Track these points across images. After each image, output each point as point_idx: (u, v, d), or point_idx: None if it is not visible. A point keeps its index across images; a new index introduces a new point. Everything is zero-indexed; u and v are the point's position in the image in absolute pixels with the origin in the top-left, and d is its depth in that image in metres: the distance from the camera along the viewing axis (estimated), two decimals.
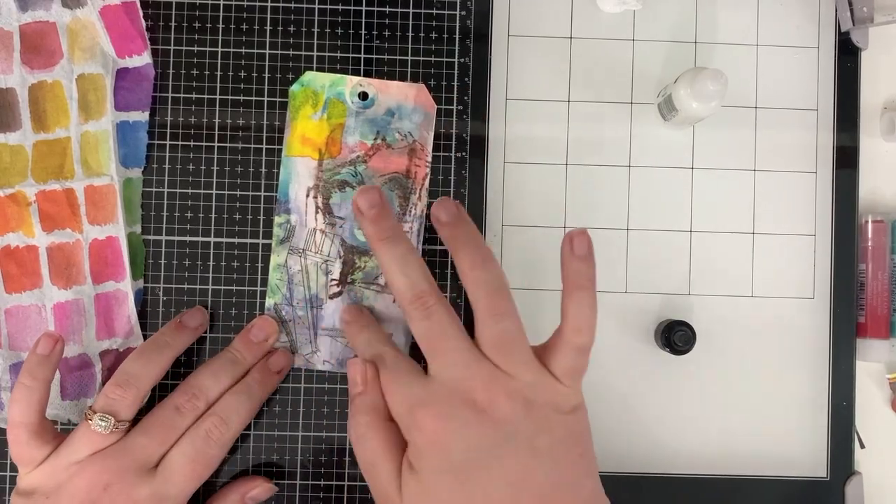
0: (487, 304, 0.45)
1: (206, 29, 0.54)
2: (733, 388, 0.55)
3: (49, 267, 0.51)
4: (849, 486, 0.55)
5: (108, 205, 0.51)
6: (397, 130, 0.54)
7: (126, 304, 0.52)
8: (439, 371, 0.45)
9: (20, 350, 0.51)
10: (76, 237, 0.51)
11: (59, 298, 0.51)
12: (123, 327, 0.52)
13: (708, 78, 0.49)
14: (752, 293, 0.56)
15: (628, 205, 0.55)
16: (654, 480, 0.55)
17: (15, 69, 0.51)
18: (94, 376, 0.52)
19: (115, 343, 0.52)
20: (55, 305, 0.51)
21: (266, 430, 0.53)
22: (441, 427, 0.43)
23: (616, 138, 0.56)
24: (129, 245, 0.52)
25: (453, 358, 0.45)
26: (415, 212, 0.54)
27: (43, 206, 0.51)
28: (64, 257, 0.51)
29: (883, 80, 0.57)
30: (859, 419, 0.55)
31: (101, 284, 0.52)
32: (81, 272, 0.51)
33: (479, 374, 0.44)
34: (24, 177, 0.51)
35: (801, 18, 0.56)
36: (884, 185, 0.57)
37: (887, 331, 0.55)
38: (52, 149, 0.51)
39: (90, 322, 0.52)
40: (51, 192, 0.51)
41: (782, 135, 0.56)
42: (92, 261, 0.52)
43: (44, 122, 0.51)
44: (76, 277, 0.51)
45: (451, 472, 0.43)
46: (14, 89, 0.51)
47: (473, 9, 0.55)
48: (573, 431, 0.45)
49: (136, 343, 0.52)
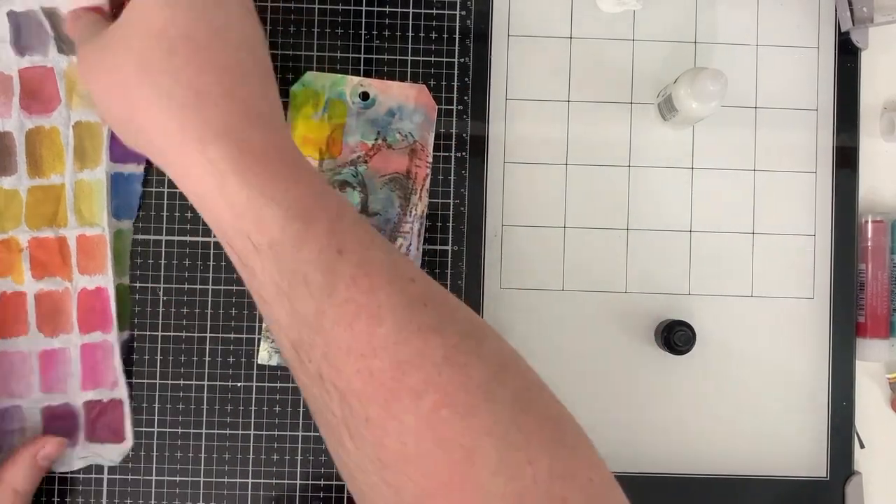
0: None
1: None
2: (733, 388, 0.55)
3: (36, 314, 0.51)
4: (849, 486, 0.55)
5: (98, 255, 0.51)
6: (398, 131, 0.54)
7: (112, 356, 0.51)
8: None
9: (1, 396, 0.51)
10: (65, 285, 0.51)
11: (45, 346, 0.51)
12: (109, 378, 0.52)
13: (708, 78, 0.49)
14: (752, 293, 0.56)
15: (628, 205, 0.55)
16: (655, 480, 0.55)
17: (13, 113, 0.51)
18: (77, 426, 0.51)
19: (100, 394, 0.52)
20: (40, 353, 0.51)
21: (266, 430, 0.53)
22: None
23: (616, 138, 0.56)
24: (116, 296, 0.52)
25: None
26: (415, 212, 0.54)
27: (35, 253, 0.51)
28: (52, 305, 0.51)
29: (883, 80, 0.57)
30: (859, 419, 0.55)
31: (88, 334, 0.51)
32: (69, 321, 0.51)
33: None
34: (18, 222, 0.51)
35: (801, 18, 0.56)
36: (884, 185, 0.57)
37: (887, 330, 0.55)
38: (47, 195, 0.51)
39: (75, 372, 0.51)
40: (44, 238, 0.51)
41: (782, 135, 0.56)
42: (80, 310, 0.51)
43: (39, 168, 0.51)
44: (63, 326, 0.51)
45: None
46: (11, 133, 0.51)
47: (473, 9, 0.55)
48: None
49: (120, 394, 0.52)
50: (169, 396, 0.53)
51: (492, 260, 0.55)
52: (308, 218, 0.36)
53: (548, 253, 0.55)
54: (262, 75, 0.41)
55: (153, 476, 0.53)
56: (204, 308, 0.53)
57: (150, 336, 0.53)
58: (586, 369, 0.55)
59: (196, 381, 0.53)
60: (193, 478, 0.53)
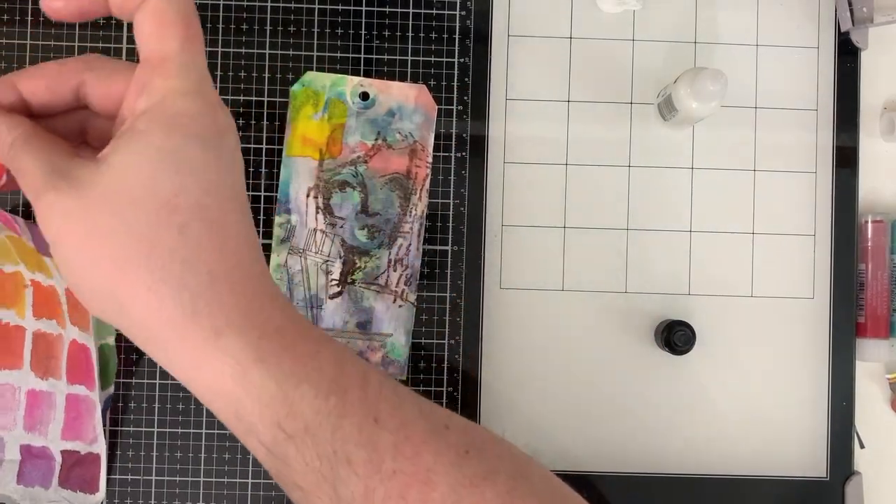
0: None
1: (206, 29, 0.54)
2: (733, 388, 0.55)
3: (32, 352, 0.50)
4: (848, 486, 0.55)
5: (84, 312, 0.51)
6: (398, 131, 0.54)
7: (94, 413, 0.51)
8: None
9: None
10: (59, 331, 0.50)
11: (34, 386, 0.50)
12: (89, 434, 0.51)
13: (708, 78, 0.49)
14: (752, 293, 0.56)
15: (628, 205, 0.55)
16: (655, 480, 0.55)
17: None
18: (52, 469, 0.51)
19: (78, 446, 0.51)
20: (29, 391, 0.50)
21: None
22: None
23: (616, 138, 0.56)
24: (100, 355, 0.51)
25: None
26: (415, 212, 0.54)
27: (36, 292, 0.50)
28: (47, 347, 0.50)
29: (883, 80, 0.57)
30: (859, 419, 0.55)
31: (74, 386, 0.51)
32: (59, 367, 0.50)
33: None
34: (18, 262, 0.50)
35: (801, 18, 0.56)
36: (884, 185, 0.57)
37: (887, 331, 0.55)
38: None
39: (59, 418, 0.51)
40: (38, 282, 0.50)
41: (782, 135, 0.56)
42: (69, 360, 0.51)
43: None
44: (54, 370, 0.50)
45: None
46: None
47: (473, 9, 0.55)
48: None
49: (98, 449, 0.51)
50: (169, 396, 0.53)
51: (492, 260, 0.55)
52: (339, 391, 0.33)
53: (548, 253, 0.55)
54: (253, 232, 0.35)
55: (153, 476, 0.53)
56: None
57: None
58: (586, 369, 0.55)
59: None
60: (193, 478, 0.53)
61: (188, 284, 0.32)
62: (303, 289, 0.53)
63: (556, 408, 0.55)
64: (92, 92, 0.35)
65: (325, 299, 0.53)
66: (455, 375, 0.54)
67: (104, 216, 0.31)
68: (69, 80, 0.35)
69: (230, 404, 0.33)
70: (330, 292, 0.53)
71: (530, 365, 0.55)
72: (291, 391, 0.33)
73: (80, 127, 0.36)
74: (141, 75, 0.33)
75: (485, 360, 0.55)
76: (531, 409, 0.55)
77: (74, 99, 0.35)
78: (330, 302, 0.53)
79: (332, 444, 0.33)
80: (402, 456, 0.33)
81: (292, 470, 0.34)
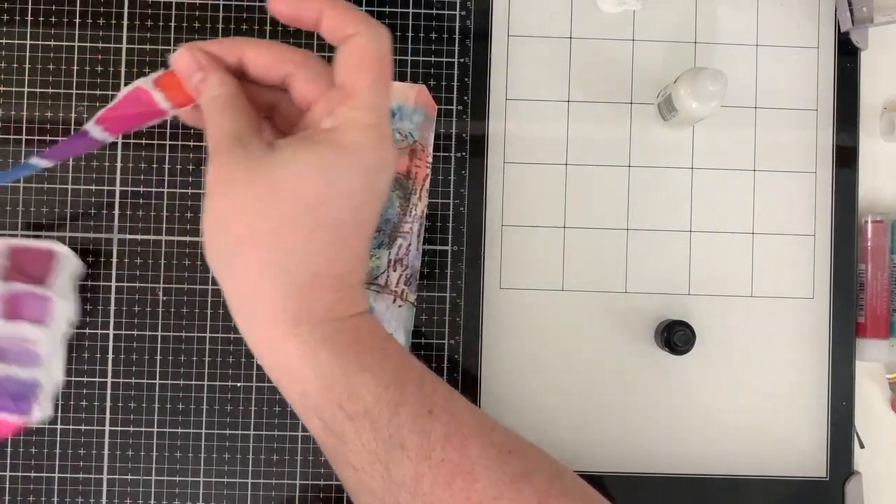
0: None
1: (206, 29, 0.54)
2: (733, 388, 0.55)
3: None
4: (848, 485, 0.55)
5: None
6: (398, 131, 0.54)
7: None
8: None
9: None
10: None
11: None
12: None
13: (708, 78, 0.49)
14: (752, 293, 0.56)
15: (628, 205, 0.55)
16: (654, 480, 0.55)
17: None
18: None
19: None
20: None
21: (266, 430, 0.53)
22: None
23: (616, 138, 0.56)
24: None
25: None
26: (415, 212, 0.54)
27: None
28: None
29: (883, 80, 0.57)
30: (859, 419, 0.55)
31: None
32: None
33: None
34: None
35: (801, 18, 0.56)
36: (884, 185, 0.57)
37: (887, 331, 0.56)
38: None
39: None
40: None
41: (782, 135, 0.56)
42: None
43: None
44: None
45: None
46: None
47: (473, 9, 0.55)
48: None
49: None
50: (169, 396, 0.53)
51: (492, 260, 0.55)
52: (399, 383, 0.37)
53: (548, 253, 0.55)
54: (367, 254, 0.39)
55: (153, 476, 0.53)
56: (204, 308, 0.53)
57: (149, 336, 0.53)
58: (586, 369, 0.55)
59: (196, 381, 0.53)
60: (193, 478, 0.53)
61: (293, 276, 0.36)
62: None
63: (556, 407, 0.55)
64: (296, 85, 0.39)
65: None
66: (455, 375, 0.54)
67: (257, 193, 0.36)
68: (286, 68, 0.39)
69: (297, 383, 0.37)
70: None
71: (530, 365, 0.55)
72: (353, 377, 0.36)
73: (273, 104, 0.40)
74: (333, 97, 0.38)
75: (485, 360, 0.55)
76: (531, 408, 0.55)
77: (281, 83, 0.39)
78: None
79: (389, 428, 0.36)
80: (450, 446, 0.37)
81: (348, 449, 0.37)
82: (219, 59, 0.39)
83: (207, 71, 0.39)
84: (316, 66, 0.39)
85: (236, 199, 0.36)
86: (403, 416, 0.36)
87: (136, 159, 0.54)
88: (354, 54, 0.38)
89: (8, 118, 0.54)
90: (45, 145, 0.54)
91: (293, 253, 0.36)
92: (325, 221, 0.36)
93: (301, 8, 0.38)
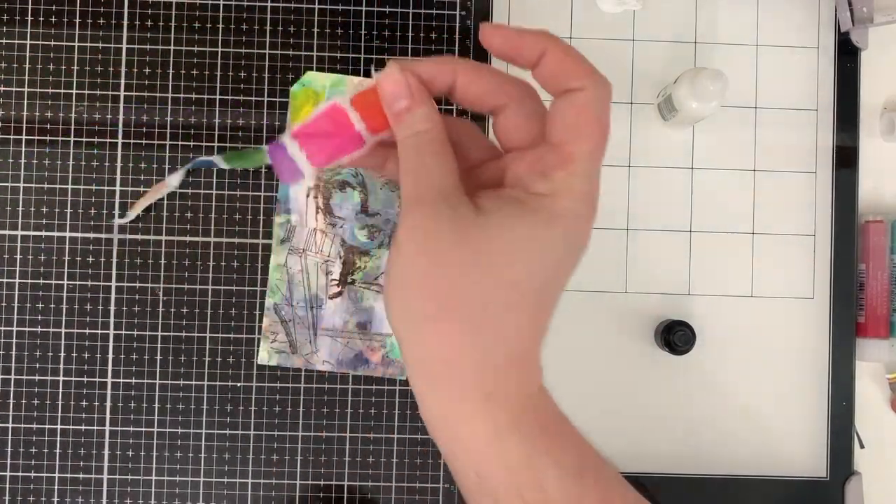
0: None
1: (206, 29, 0.54)
2: (733, 388, 0.55)
3: None
4: (848, 485, 0.55)
5: None
6: None
7: None
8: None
9: None
10: None
11: None
12: None
13: (708, 78, 0.49)
14: (752, 293, 0.56)
15: (628, 205, 0.55)
16: (655, 480, 0.55)
17: None
18: None
19: None
20: None
21: (266, 431, 0.53)
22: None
23: (616, 138, 0.56)
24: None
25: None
26: None
27: None
28: None
29: (883, 80, 0.57)
30: (859, 419, 0.55)
31: None
32: None
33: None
34: None
35: (801, 18, 0.56)
36: (884, 185, 0.57)
37: (887, 331, 0.55)
38: None
39: None
40: None
41: (782, 135, 0.56)
42: None
43: None
44: None
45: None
46: None
47: (473, 9, 0.55)
48: None
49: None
50: (169, 396, 0.53)
51: None
52: (580, 474, 0.35)
53: None
54: (548, 327, 0.36)
55: (153, 476, 0.53)
56: (204, 308, 0.53)
57: (150, 336, 0.53)
58: (586, 369, 0.55)
59: (196, 381, 0.53)
60: (193, 478, 0.53)
61: (490, 354, 0.33)
62: (303, 289, 0.53)
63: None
64: (503, 121, 0.35)
65: (325, 299, 0.53)
66: None
67: (463, 258, 0.32)
68: (499, 100, 0.35)
69: (475, 462, 0.34)
70: (330, 292, 0.53)
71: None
72: (539, 465, 0.33)
73: (457, 138, 0.36)
74: (546, 156, 0.34)
75: None
76: None
77: (485, 112, 0.35)
78: (330, 302, 0.53)
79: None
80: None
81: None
82: (428, 82, 0.35)
83: (415, 100, 0.34)
84: (532, 103, 0.35)
85: (439, 259, 0.32)
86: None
87: (136, 159, 0.54)
88: (576, 113, 0.34)
89: (8, 118, 0.54)
90: (44, 145, 0.54)
91: (493, 329, 0.33)
92: (529, 297, 0.34)
93: (521, 46, 0.34)
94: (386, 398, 0.54)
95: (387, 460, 0.54)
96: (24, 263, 0.53)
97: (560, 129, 0.34)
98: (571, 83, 0.34)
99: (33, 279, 0.53)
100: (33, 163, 0.53)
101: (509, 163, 0.35)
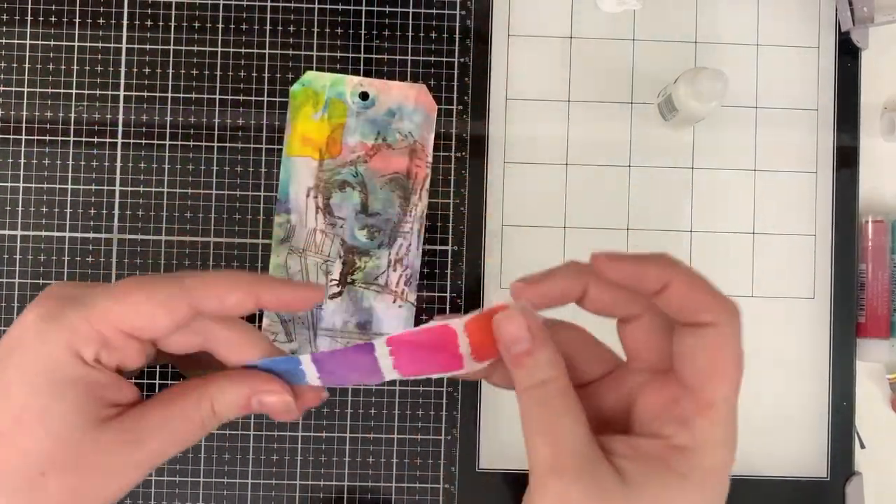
0: None
1: (205, 29, 0.54)
2: None
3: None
4: (849, 486, 0.55)
5: None
6: (398, 131, 0.54)
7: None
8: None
9: None
10: None
11: None
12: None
13: (708, 78, 0.49)
14: (752, 293, 0.56)
15: (628, 205, 0.55)
16: None
17: None
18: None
19: None
20: None
21: (266, 431, 0.53)
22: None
23: (616, 138, 0.56)
24: None
25: None
26: (415, 212, 0.54)
27: None
28: None
29: (883, 80, 0.57)
30: (859, 419, 0.55)
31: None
32: None
33: None
34: None
35: (801, 18, 0.56)
36: (884, 185, 0.57)
37: (887, 331, 0.55)
38: None
39: None
40: None
41: (782, 135, 0.56)
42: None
43: None
44: None
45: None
46: None
47: (473, 9, 0.55)
48: None
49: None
50: None
51: (492, 260, 0.55)
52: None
53: (548, 253, 0.55)
54: None
55: (153, 476, 0.53)
56: None
57: None
58: None
59: None
60: (193, 478, 0.53)
61: None
62: None
63: None
64: (636, 333, 0.33)
65: (325, 299, 0.53)
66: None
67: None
68: (630, 310, 0.33)
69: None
70: (330, 292, 0.53)
71: None
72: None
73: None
74: (683, 402, 0.31)
75: None
76: None
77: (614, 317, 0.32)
78: (330, 302, 0.53)
79: None
80: None
81: None
82: (553, 298, 0.32)
83: (536, 344, 0.31)
84: (660, 317, 0.32)
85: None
86: None
87: (136, 159, 0.54)
88: (712, 354, 0.32)
89: (8, 118, 0.54)
90: (44, 145, 0.54)
91: None
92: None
93: (642, 278, 0.31)
94: (386, 398, 0.54)
95: (387, 460, 0.54)
96: (24, 263, 0.53)
97: (695, 371, 0.31)
98: (701, 317, 0.31)
99: (33, 279, 0.53)
100: (33, 163, 0.53)
101: (637, 393, 0.32)
